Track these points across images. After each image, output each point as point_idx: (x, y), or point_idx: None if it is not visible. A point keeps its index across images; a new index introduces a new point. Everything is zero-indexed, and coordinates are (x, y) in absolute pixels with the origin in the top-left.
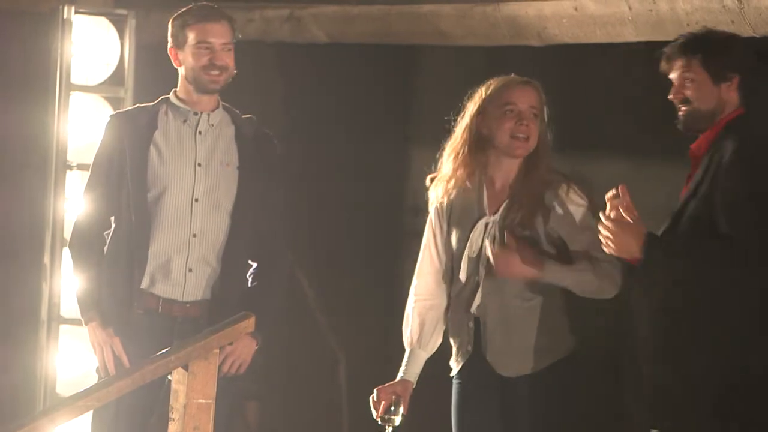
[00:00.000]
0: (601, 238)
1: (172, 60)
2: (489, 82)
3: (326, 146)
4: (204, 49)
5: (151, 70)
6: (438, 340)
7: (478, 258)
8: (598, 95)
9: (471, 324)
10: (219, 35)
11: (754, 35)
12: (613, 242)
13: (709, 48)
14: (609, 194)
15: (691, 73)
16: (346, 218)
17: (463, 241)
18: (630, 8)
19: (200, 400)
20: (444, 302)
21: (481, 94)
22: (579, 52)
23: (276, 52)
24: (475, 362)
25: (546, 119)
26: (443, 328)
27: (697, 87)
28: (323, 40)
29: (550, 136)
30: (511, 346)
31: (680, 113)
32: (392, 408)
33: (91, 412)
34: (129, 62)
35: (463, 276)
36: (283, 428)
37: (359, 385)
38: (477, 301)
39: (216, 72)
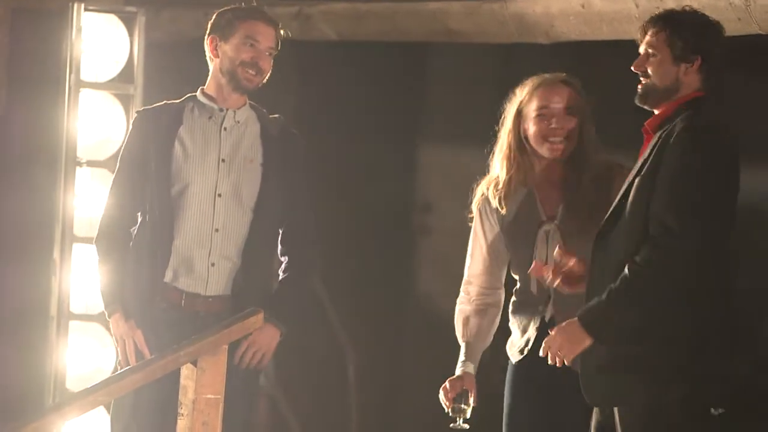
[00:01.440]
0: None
1: (208, 50)
2: (525, 83)
3: (335, 144)
4: (249, 46)
5: (161, 67)
6: (492, 334)
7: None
8: (605, 92)
9: (537, 326)
10: (268, 38)
11: (761, 32)
12: (563, 352)
13: (676, 26)
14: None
15: (654, 49)
16: (354, 215)
17: (527, 252)
18: (637, 5)
19: (209, 396)
20: (500, 299)
21: (517, 95)
22: (586, 49)
23: (285, 49)
24: (535, 360)
25: (588, 113)
26: (496, 323)
27: (658, 63)
28: (332, 37)
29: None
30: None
31: (639, 86)
32: (462, 400)
33: (110, 408)
34: (138, 59)
35: (532, 286)
36: (293, 425)
37: (368, 384)
38: (549, 308)
39: (253, 72)
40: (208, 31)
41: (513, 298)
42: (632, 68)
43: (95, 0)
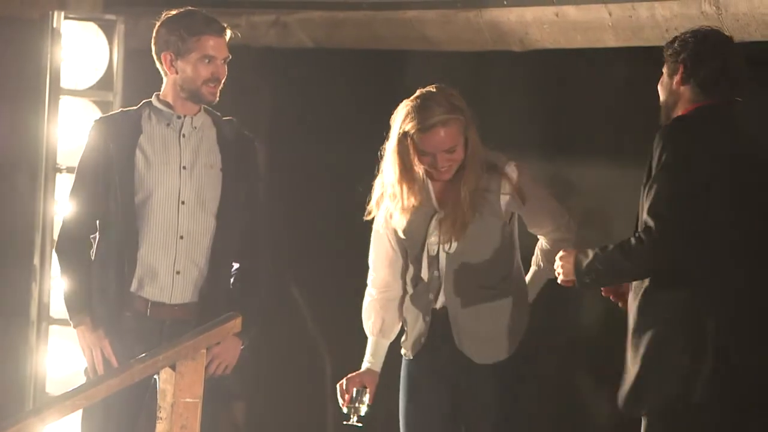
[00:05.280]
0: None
1: (163, 65)
2: (407, 115)
3: (312, 150)
4: (207, 63)
5: (140, 74)
6: (398, 328)
7: (437, 255)
8: (579, 99)
9: (428, 318)
10: (222, 49)
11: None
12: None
13: (669, 44)
14: None
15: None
16: (329, 219)
17: (420, 241)
18: (610, 14)
19: (187, 399)
20: (401, 293)
21: (400, 128)
22: (560, 57)
23: (262, 56)
24: (430, 352)
25: (471, 127)
26: (401, 317)
27: (661, 81)
28: (309, 45)
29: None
30: (483, 335)
31: None
32: (358, 397)
33: (81, 414)
34: (118, 67)
35: (424, 274)
36: (270, 427)
37: None
38: (441, 296)
39: (213, 85)
40: (158, 46)
41: (407, 292)
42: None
43: (75, 8)
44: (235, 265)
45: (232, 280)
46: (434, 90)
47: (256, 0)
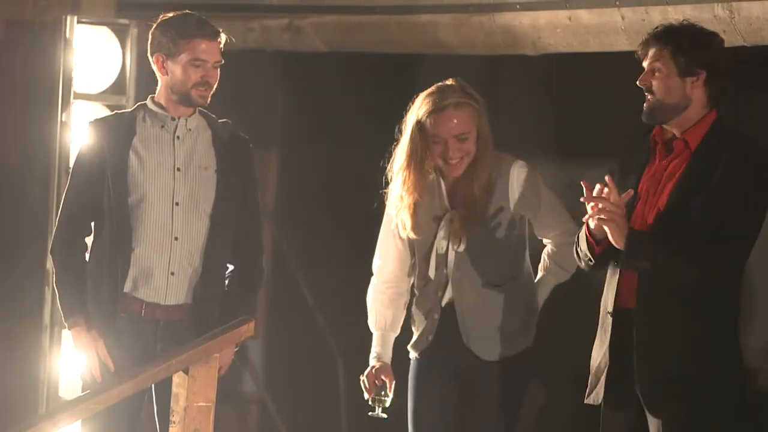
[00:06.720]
0: (597, 210)
1: (155, 67)
2: (422, 102)
3: (325, 154)
4: (197, 67)
5: (152, 78)
6: (402, 321)
7: (446, 253)
8: (591, 103)
9: (436, 316)
10: (213, 53)
11: (745, 44)
12: (615, 217)
13: (680, 41)
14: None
15: (659, 64)
16: (344, 223)
17: (429, 239)
18: (623, 18)
19: (201, 403)
20: (408, 287)
21: (413, 111)
22: (573, 61)
23: (276, 60)
24: (438, 350)
25: (485, 120)
26: (405, 310)
27: (663, 78)
28: (323, 49)
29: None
30: (490, 331)
31: (645, 104)
32: (381, 390)
33: None
34: (130, 71)
35: (432, 272)
36: (283, 429)
37: (358, 386)
38: (448, 292)
39: (204, 88)
40: (152, 48)
41: (415, 291)
42: (638, 83)
43: (88, 13)
44: (230, 267)
45: (226, 282)
46: (450, 82)
47: (270, 4)
